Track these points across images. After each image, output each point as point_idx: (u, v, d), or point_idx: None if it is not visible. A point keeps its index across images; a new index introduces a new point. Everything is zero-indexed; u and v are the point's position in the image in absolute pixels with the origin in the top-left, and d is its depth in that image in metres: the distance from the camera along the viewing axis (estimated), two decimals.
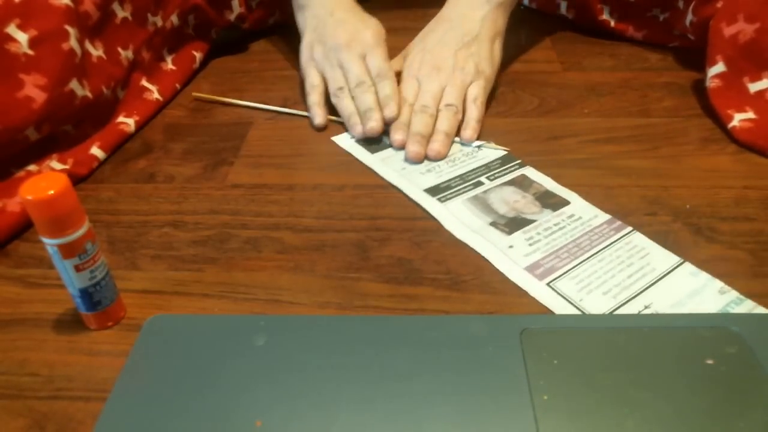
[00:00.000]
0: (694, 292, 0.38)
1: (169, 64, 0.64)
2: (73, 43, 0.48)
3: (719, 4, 0.55)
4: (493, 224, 0.44)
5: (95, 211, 0.48)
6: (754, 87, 0.52)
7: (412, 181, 0.49)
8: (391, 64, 0.58)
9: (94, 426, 0.31)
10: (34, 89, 0.46)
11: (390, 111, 0.54)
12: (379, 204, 0.47)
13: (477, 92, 0.55)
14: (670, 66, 0.65)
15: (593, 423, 0.30)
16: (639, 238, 0.42)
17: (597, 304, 0.37)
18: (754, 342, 0.33)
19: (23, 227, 0.45)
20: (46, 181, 0.31)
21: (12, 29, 0.44)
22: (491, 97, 0.59)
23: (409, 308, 0.38)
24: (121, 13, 0.56)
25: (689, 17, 0.60)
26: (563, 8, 0.73)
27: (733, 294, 0.37)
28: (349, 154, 0.53)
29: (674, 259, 0.40)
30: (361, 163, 0.52)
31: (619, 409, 0.30)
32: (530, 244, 0.42)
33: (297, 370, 0.33)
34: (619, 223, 0.43)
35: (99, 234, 0.45)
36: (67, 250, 0.33)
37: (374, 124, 0.53)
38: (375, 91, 0.55)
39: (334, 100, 0.57)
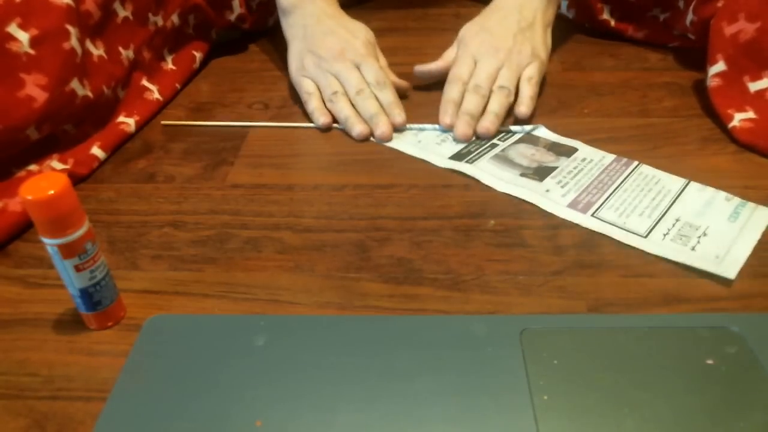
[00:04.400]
0: (707, 202, 0.44)
1: (169, 64, 0.64)
2: (73, 42, 0.48)
3: (720, 4, 0.54)
4: (524, 175, 0.48)
5: (95, 211, 0.48)
6: (754, 86, 0.52)
7: (433, 151, 0.52)
8: (388, 73, 0.59)
9: (94, 426, 0.31)
10: (34, 89, 0.46)
11: (399, 118, 0.55)
12: (379, 204, 0.47)
13: (532, 72, 0.56)
14: (670, 66, 0.65)
15: (593, 423, 0.30)
16: (647, 169, 0.48)
17: (638, 224, 0.43)
18: (754, 342, 0.33)
19: (23, 227, 0.45)
20: (46, 181, 0.31)
21: (13, 28, 0.44)
22: None
23: (409, 308, 0.38)
24: (122, 12, 0.56)
25: (689, 17, 0.60)
26: (563, 7, 0.73)
27: (737, 200, 0.44)
28: (349, 154, 0.53)
29: (682, 180, 0.47)
30: (361, 160, 0.52)
31: (618, 409, 0.30)
32: (562, 186, 0.47)
33: (297, 370, 0.33)
34: (625, 159, 0.49)
35: (99, 234, 0.45)
36: (67, 250, 0.33)
37: (384, 129, 0.54)
38: (376, 98, 0.56)
39: (329, 105, 0.57)
